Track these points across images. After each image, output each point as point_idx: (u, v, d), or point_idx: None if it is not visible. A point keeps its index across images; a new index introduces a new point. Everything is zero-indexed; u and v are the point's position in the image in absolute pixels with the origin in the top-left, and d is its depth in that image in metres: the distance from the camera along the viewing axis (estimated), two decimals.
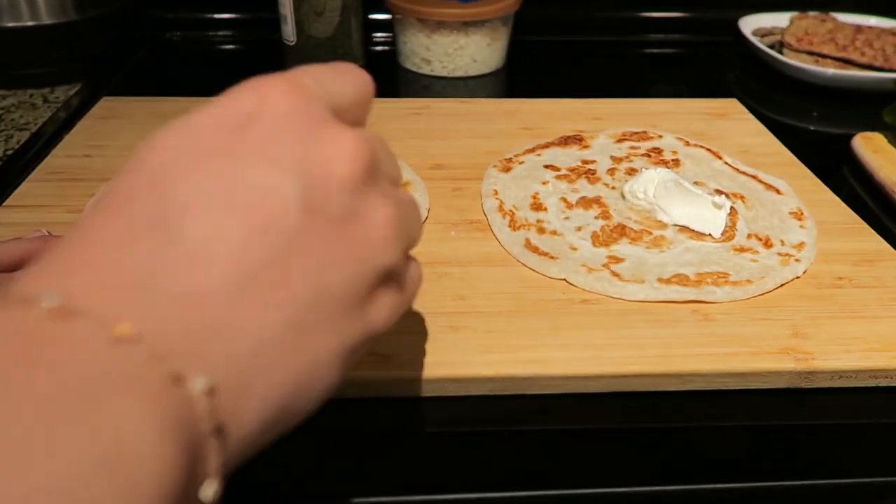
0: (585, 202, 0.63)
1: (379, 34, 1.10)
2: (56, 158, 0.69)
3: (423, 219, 0.62)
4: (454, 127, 0.78)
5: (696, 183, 0.66)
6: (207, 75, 0.99)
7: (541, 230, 0.59)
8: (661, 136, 0.75)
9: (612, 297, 0.53)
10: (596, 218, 0.61)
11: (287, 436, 0.44)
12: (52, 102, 0.86)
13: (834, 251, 0.59)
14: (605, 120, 0.79)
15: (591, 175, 0.67)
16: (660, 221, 0.60)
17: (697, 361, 0.47)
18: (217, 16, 1.09)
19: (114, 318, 0.22)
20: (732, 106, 0.85)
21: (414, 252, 0.60)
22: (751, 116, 0.83)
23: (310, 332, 0.26)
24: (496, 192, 0.64)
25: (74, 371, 0.21)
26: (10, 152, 0.74)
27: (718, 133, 0.78)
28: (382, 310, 0.31)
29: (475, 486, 0.41)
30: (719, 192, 0.64)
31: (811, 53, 0.98)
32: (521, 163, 0.69)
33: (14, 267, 0.44)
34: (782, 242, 0.59)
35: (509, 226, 0.60)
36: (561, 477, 0.42)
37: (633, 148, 0.72)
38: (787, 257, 0.57)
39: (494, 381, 0.46)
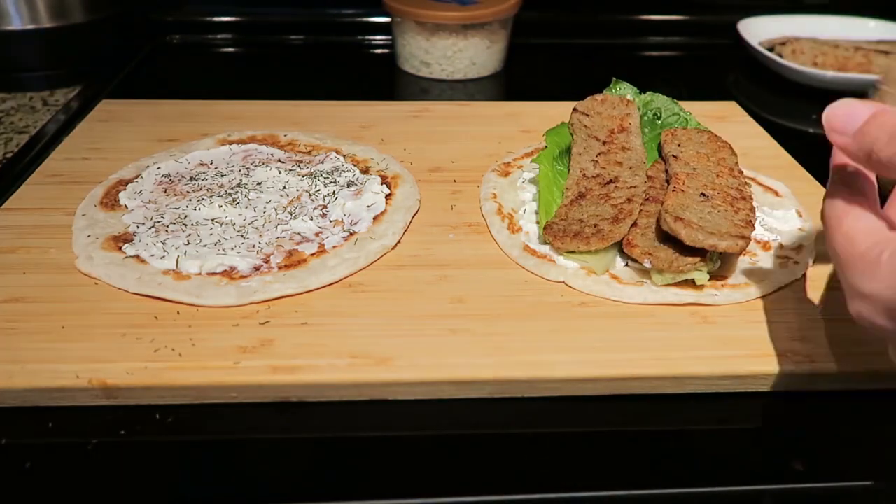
0: None
1: (378, 37, 1.10)
2: (55, 161, 0.69)
3: (415, 210, 0.63)
4: (453, 129, 0.78)
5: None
6: (206, 78, 0.99)
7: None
8: None
9: (610, 300, 0.53)
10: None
11: (287, 438, 0.45)
12: (52, 105, 0.86)
13: None
14: None
15: None
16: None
17: (696, 364, 0.47)
18: (216, 19, 1.09)
19: None
20: (731, 108, 0.85)
21: (412, 254, 0.60)
22: (750, 119, 0.83)
23: None
24: (495, 196, 0.64)
25: None
26: (9, 155, 0.74)
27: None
28: None
29: (474, 488, 0.41)
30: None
31: None
32: (520, 167, 0.69)
33: None
34: (781, 245, 0.59)
35: (508, 228, 0.60)
36: (560, 480, 0.42)
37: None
38: (785, 260, 0.57)
39: (493, 383, 0.46)
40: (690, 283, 0.53)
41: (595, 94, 0.68)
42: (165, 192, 0.63)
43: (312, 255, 0.56)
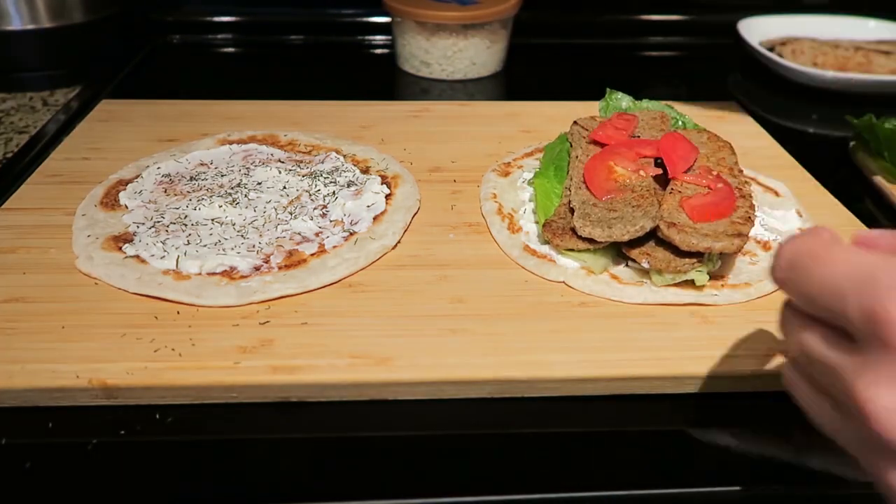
0: None
1: (378, 37, 1.10)
2: (55, 161, 0.69)
3: (415, 210, 0.63)
4: (453, 129, 0.78)
5: None
6: (206, 78, 0.99)
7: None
8: None
9: (610, 300, 0.53)
10: None
11: (287, 438, 0.45)
12: (52, 105, 0.86)
13: None
14: None
15: None
16: None
17: (696, 364, 0.47)
18: (216, 19, 1.09)
19: None
20: (731, 109, 0.85)
21: (412, 254, 0.60)
22: (750, 119, 0.83)
23: None
24: (495, 196, 0.64)
25: None
26: (9, 155, 0.74)
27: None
28: None
29: (474, 488, 0.41)
30: None
31: None
32: (520, 167, 0.69)
33: None
34: None
35: (508, 228, 0.60)
36: (559, 480, 0.42)
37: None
38: None
39: (493, 383, 0.46)
40: (690, 283, 0.53)
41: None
42: (165, 192, 0.63)
43: (312, 255, 0.56)
